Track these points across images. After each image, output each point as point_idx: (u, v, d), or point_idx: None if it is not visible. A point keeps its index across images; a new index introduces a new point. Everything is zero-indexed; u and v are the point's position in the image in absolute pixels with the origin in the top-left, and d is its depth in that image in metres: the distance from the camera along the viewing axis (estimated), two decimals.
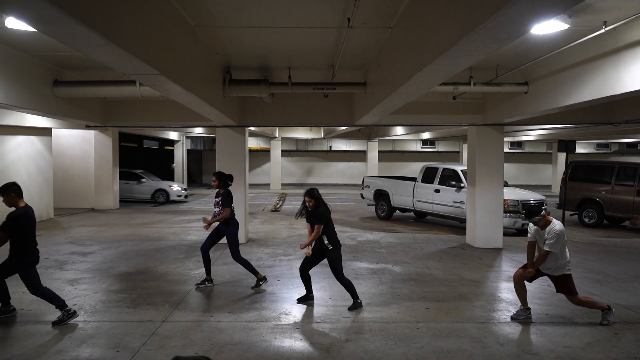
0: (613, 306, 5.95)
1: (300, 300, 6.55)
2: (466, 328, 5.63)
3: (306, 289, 6.60)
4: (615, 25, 5.58)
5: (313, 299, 6.58)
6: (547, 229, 5.62)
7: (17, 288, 6.81)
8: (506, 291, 7.27)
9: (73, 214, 15.80)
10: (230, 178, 7.36)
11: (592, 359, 4.83)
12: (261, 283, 7.22)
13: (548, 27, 5.68)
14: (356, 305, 6.29)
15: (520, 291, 5.99)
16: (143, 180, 19.77)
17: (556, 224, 5.63)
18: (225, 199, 7.16)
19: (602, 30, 5.70)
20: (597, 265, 9.01)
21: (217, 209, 7.21)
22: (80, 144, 17.53)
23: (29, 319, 5.80)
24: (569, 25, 5.66)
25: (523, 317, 5.94)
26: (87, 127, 13.51)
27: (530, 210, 5.70)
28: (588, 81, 6.81)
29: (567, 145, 12.69)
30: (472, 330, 5.58)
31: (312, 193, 6.27)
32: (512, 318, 5.98)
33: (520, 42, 6.85)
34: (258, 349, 5.00)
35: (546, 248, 5.55)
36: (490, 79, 8.71)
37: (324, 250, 6.30)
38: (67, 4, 3.18)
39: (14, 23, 5.86)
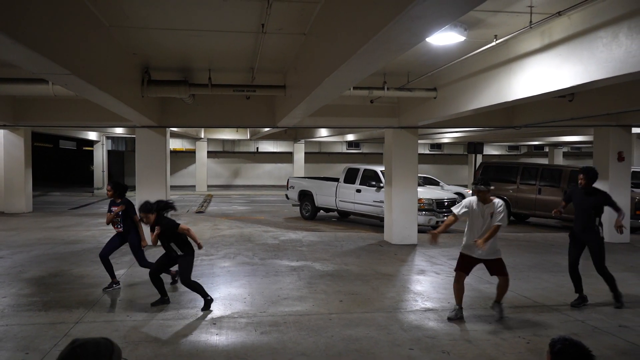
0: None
1: (155, 304, 6.36)
2: (375, 317, 6.02)
3: (161, 292, 6.46)
4: (505, 38, 6.18)
5: (169, 301, 6.48)
6: (489, 204, 5.77)
7: None
8: (416, 283, 7.81)
9: None
10: (126, 188, 7.28)
11: (483, 340, 5.35)
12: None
13: (446, 38, 6.17)
14: (208, 305, 6.27)
15: (459, 291, 6.00)
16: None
17: (498, 200, 5.85)
18: (132, 209, 7.08)
19: (494, 43, 6.29)
20: None
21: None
22: None
23: None
24: (465, 38, 6.19)
25: (461, 316, 5.94)
26: None
27: (484, 179, 5.82)
28: (486, 89, 7.45)
29: (475, 148, 13.62)
30: (380, 319, 5.98)
31: (151, 207, 6.11)
32: (449, 319, 5.92)
33: (426, 51, 7.37)
34: (173, 344, 5.11)
35: (499, 222, 5.68)
36: (403, 84, 9.25)
37: (176, 257, 6.27)
38: None
39: None
